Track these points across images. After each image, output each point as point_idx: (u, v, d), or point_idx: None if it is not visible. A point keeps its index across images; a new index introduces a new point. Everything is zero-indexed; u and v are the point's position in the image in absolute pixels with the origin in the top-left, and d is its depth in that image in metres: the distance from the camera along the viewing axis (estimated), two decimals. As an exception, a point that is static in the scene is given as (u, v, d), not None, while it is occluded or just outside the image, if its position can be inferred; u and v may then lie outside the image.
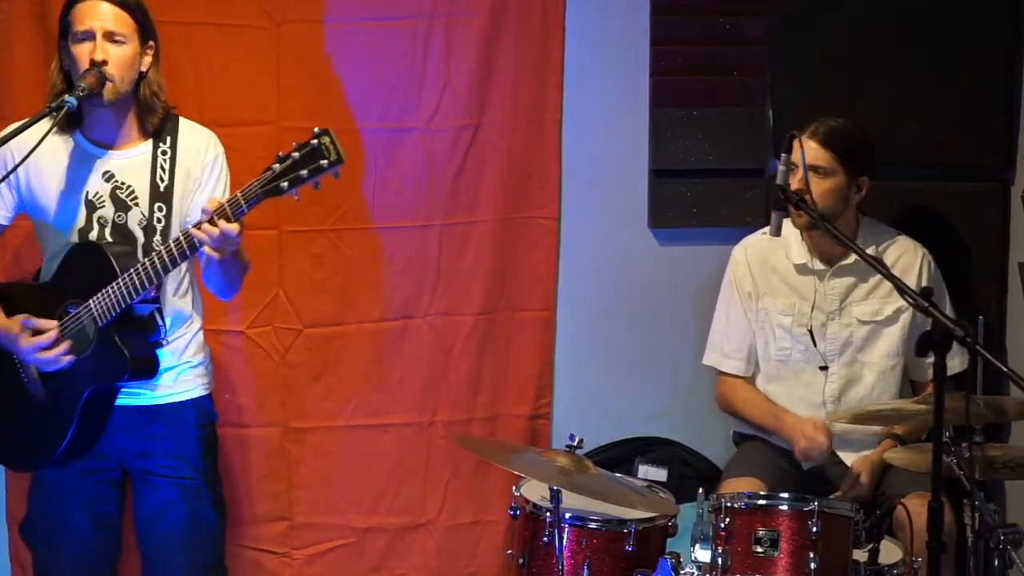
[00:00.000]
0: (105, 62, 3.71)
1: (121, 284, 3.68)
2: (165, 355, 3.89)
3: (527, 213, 4.83)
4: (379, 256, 4.77)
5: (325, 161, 3.53)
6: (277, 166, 3.56)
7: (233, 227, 3.59)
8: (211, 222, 3.59)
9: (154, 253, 3.68)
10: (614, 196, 4.92)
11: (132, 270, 3.68)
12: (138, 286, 3.68)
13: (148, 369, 3.83)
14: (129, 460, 3.94)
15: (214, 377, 4.11)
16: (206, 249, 3.63)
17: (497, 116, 4.76)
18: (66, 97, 3.65)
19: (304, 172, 3.54)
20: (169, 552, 3.97)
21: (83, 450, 3.83)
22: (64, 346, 3.75)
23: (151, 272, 3.67)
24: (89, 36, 3.73)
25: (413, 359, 4.81)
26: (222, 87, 4.61)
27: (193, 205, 3.88)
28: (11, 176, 3.77)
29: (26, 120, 3.71)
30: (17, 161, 3.70)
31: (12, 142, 3.70)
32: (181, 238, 3.64)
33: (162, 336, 3.87)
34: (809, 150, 4.23)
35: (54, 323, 3.76)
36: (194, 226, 3.62)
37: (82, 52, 3.73)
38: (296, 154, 3.55)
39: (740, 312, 4.55)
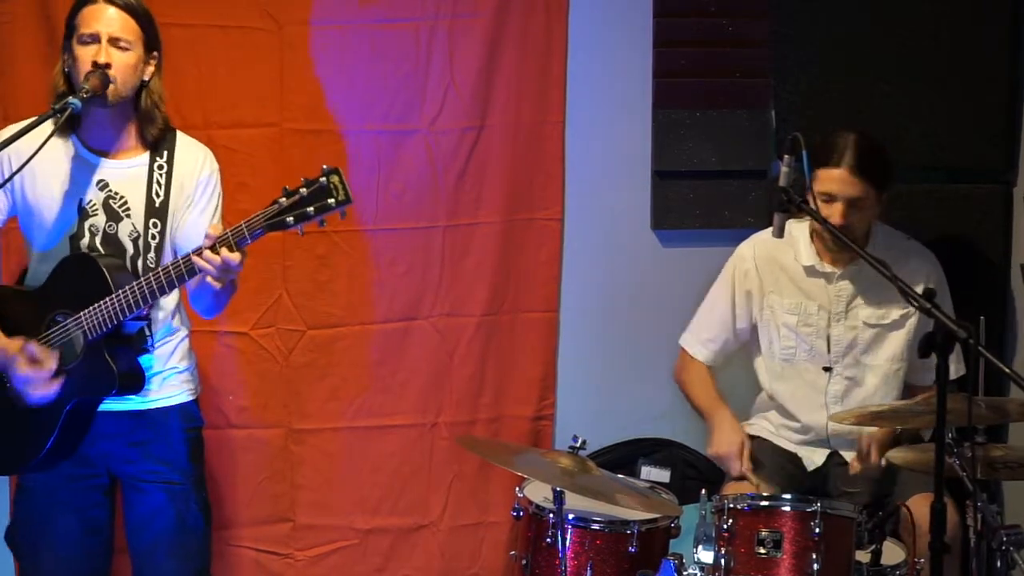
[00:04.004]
0: (108, 65, 3.69)
1: (115, 301, 3.65)
2: (151, 361, 3.87)
3: (530, 214, 4.84)
4: (382, 258, 4.77)
5: (332, 200, 3.50)
6: (284, 200, 3.53)
7: (235, 256, 3.56)
8: (213, 249, 3.56)
9: (151, 275, 3.64)
10: (617, 197, 4.93)
11: (128, 288, 3.65)
12: (132, 305, 3.65)
13: (135, 384, 3.81)
14: (116, 466, 3.92)
15: (200, 383, 4.06)
16: (208, 279, 3.61)
17: (500, 118, 4.77)
18: (70, 99, 3.63)
19: (310, 209, 3.52)
20: (158, 558, 3.94)
21: (66, 454, 3.80)
22: (56, 384, 3.72)
23: (147, 292, 3.64)
24: (95, 39, 3.71)
25: (416, 360, 4.82)
26: (225, 89, 4.62)
27: (183, 222, 3.86)
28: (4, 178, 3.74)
29: (29, 122, 3.68)
30: (16, 164, 3.67)
31: (14, 146, 3.68)
32: (180, 263, 3.61)
33: (150, 347, 3.85)
34: (844, 182, 4.22)
35: (54, 357, 3.72)
36: (195, 252, 3.58)
37: (86, 54, 3.71)
38: (304, 190, 3.52)
39: (728, 306, 4.56)
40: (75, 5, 3.79)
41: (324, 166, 3.53)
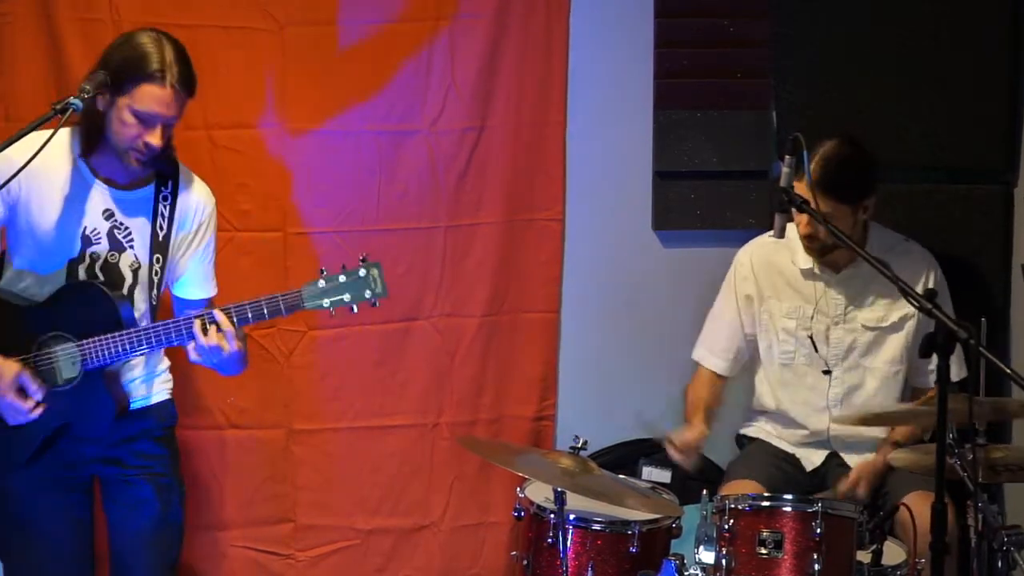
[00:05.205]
0: (158, 148, 3.71)
1: (127, 338, 3.69)
2: (135, 367, 3.90)
3: (531, 215, 4.84)
4: (383, 258, 4.73)
5: (369, 292, 3.70)
6: (322, 283, 3.68)
7: (225, 344, 3.68)
8: (204, 328, 3.67)
9: (171, 323, 3.70)
10: (618, 198, 4.93)
11: (143, 329, 3.70)
12: (144, 345, 3.71)
13: (126, 410, 3.86)
14: (99, 468, 3.92)
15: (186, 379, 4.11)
16: (190, 350, 3.71)
17: (501, 118, 4.77)
18: (71, 100, 3.59)
19: (346, 297, 3.69)
20: (138, 551, 3.94)
21: (45, 465, 3.82)
22: (37, 412, 3.71)
23: (163, 338, 3.70)
24: (150, 121, 3.68)
25: (417, 361, 4.82)
26: (226, 89, 4.61)
27: (182, 261, 3.90)
28: (8, 187, 3.69)
29: (30, 125, 3.63)
30: (20, 177, 3.65)
31: (12, 151, 3.62)
32: (182, 324, 3.70)
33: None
34: (805, 196, 4.16)
35: (43, 391, 3.70)
36: (198, 318, 3.69)
37: (135, 129, 3.68)
38: (342, 278, 3.66)
39: (735, 314, 4.55)
40: (137, 68, 3.67)
41: (364, 258, 3.70)
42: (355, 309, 3.70)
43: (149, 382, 3.95)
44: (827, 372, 4.46)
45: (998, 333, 4.80)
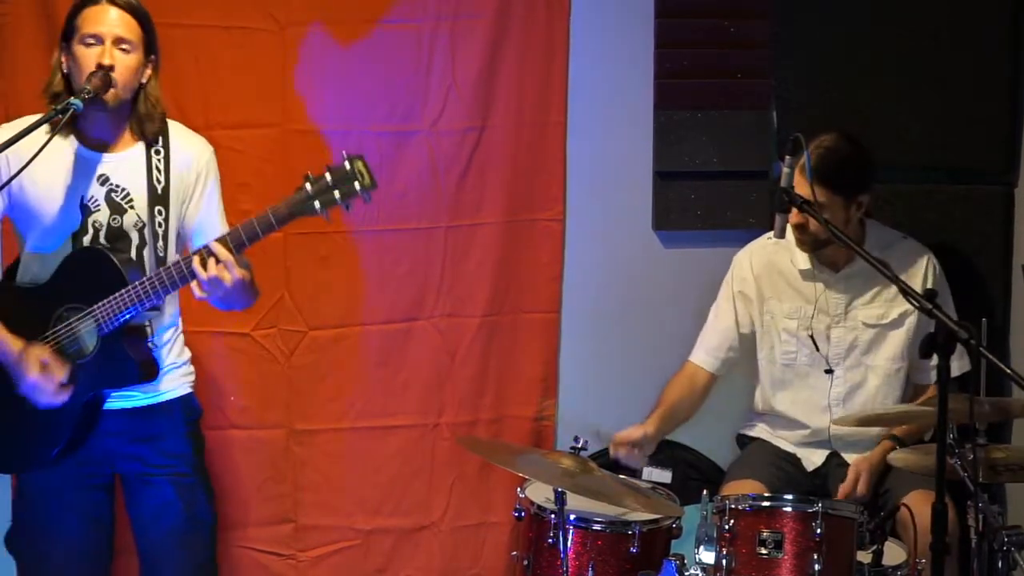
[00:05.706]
0: (112, 67, 3.70)
1: (131, 292, 3.67)
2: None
3: (532, 215, 4.84)
4: (384, 258, 4.77)
5: (359, 185, 3.57)
6: (308, 186, 3.58)
7: (225, 275, 3.61)
8: (203, 262, 3.62)
9: (171, 265, 3.67)
10: (618, 198, 4.93)
11: (145, 280, 3.67)
12: (149, 294, 3.67)
13: (152, 372, 3.84)
14: (121, 463, 3.92)
15: (196, 376, 4.07)
16: (195, 287, 3.66)
17: (502, 118, 4.77)
18: (71, 100, 3.62)
19: (336, 194, 3.57)
20: (169, 552, 3.96)
21: (75, 449, 3.81)
22: (65, 392, 3.71)
23: (167, 283, 3.67)
24: (99, 40, 3.72)
25: (418, 361, 4.82)
26: (227, 89, 4.61)
27: (190, 213, 3.89)
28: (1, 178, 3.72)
29: (29, 124, 3.66)
30: (16, 166, 3.67)
31: (7, 139, 3.65)
32: (181, 263, 3.65)
33: (151, 340, 3.86)
34: (799, 186, 4.11)
35: (66, 368, 3.71)
36: (196, 254, 3.64)
37: (89, 56, 3.71)
38: (328, 176, 3.57)
39: (731, 314, 4.56)
40: (76, 6, 3.79)
41: (345, 152, 3.58)
42: (348, 208, 3.59)
43: (169, 374, 3.94)
44: (829, 371, 4.46)
45: (998, 333, 4.81)
